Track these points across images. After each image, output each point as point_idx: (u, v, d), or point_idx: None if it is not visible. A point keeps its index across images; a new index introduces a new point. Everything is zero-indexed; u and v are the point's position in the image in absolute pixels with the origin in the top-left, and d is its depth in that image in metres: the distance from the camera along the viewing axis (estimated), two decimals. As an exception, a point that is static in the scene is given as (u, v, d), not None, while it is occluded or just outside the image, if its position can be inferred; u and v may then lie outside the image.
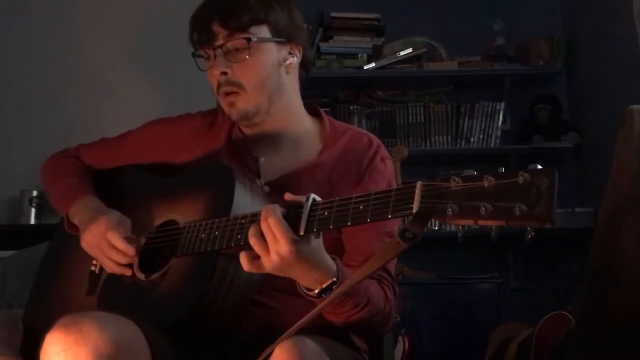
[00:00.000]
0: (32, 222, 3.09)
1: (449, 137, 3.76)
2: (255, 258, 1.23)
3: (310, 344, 1.22)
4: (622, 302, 1.61)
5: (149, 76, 3.26)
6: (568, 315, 2.54)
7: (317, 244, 1.24)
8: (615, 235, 1.62)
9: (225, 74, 1.50)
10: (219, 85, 1.52)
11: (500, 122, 3.75)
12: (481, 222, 1.02)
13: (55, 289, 1.60)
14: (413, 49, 3.73)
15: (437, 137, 3.76)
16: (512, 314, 3.27)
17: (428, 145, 3.75)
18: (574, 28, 3.85)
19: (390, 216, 1.11)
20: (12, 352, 1.51)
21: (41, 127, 3.15)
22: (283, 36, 1.54)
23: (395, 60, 3.71)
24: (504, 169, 1.03)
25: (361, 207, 1.14)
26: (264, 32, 1.51)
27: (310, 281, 1.27)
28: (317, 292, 1.28)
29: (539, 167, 1.00)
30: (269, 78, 1.52)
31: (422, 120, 3.77)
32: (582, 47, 3.77)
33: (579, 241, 2.42)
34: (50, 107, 3.20)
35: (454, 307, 3.44)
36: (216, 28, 1.50)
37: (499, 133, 3.76)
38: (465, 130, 3.76)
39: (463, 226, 1.07)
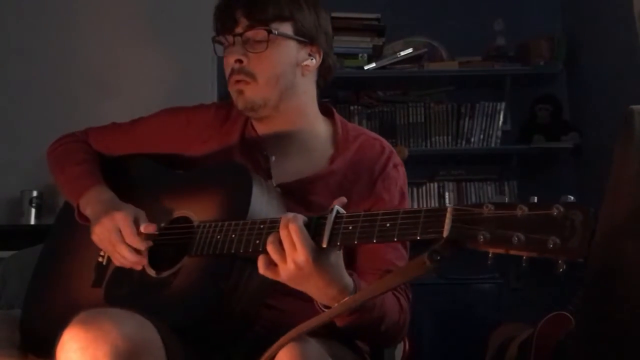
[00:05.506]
0: (32, 222, 3.09)
1: (449, 137, 3.76)
2: (272, 263, 1.20)
3: (314, 346, 1.21)
4: (622, 302, 1.61)
5: (148, 76, 3.26)
6: (568, 315, 2.53)
7: (336, 258, 1.21)
8: (616, 236, 1.61)
9: (240, 61, 1.49)
10: (232, 73, 1.51)
11: (500, 122, 3.75)
12: (512, 252, 1.01)
13: (57, 281, 1.56)
14: (413, 49, 3.73)
15: (437, 137, 3.76)
16: (512, 314, 3.27)
17: (428, 145, 3.75)
18: (574, 28, 3.85)
19: (418, 237, 1.09)
20: (14, 352, 1.50)
21: (41, 126, 3.14)
22: (305, 37, 1.53)
23: (396, 60, 3.71)
24: (536, 198, 1.01)
25: (388, 225, 1.12)
26: (286, 28, 1.51)
27: (326, 298, 1.24)
28: None
29: (572, 198, 0.99)
30: (283, 75, 1.51)
31: (422, 120, 3.77)
32: (582, 47, 3.77)
33: (579, 241, 2.41)
34: (50, 107, 3.20)
35: (454, 307, 3.44)
36: (239, 16, 1.49)
37: (499, 133, 3.76)
38: (466, 130, 3.76)
39: (493, 253, 1.04)
